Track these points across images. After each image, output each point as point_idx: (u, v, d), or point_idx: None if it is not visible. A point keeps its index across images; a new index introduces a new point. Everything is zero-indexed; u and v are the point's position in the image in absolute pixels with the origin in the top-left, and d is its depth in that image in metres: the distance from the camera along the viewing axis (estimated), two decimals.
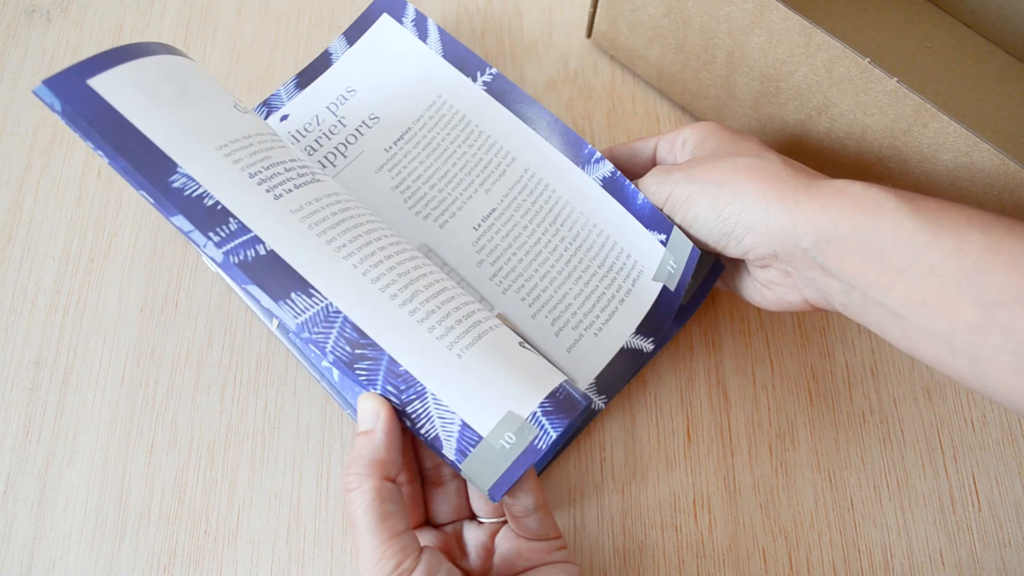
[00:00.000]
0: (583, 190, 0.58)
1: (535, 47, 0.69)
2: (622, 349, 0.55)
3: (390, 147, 0.60)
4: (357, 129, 0.61)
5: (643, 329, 0.56)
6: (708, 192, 0.49)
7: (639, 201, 0.54)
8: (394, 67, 0.62)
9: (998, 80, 0.67)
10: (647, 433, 0.57)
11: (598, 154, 0.57)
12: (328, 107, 0.61)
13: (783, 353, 0.59)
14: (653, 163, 0.58)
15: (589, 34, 0.68)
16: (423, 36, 0.63)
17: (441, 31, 0.62)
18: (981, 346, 0.40)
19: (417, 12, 0.63)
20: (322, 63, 0.63)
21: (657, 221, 0.53)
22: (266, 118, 0.62)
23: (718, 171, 0.49)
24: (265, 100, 0.63)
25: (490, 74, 0.61)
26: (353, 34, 0.64)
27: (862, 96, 0.51)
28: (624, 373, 0.56)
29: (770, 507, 0.55)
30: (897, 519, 0.55)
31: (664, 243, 0.54)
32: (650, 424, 0.57)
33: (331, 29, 0.69)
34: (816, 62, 0.52)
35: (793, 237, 0.46)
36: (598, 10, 0.64)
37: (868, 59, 0.49)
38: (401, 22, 0.63)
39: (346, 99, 0.62)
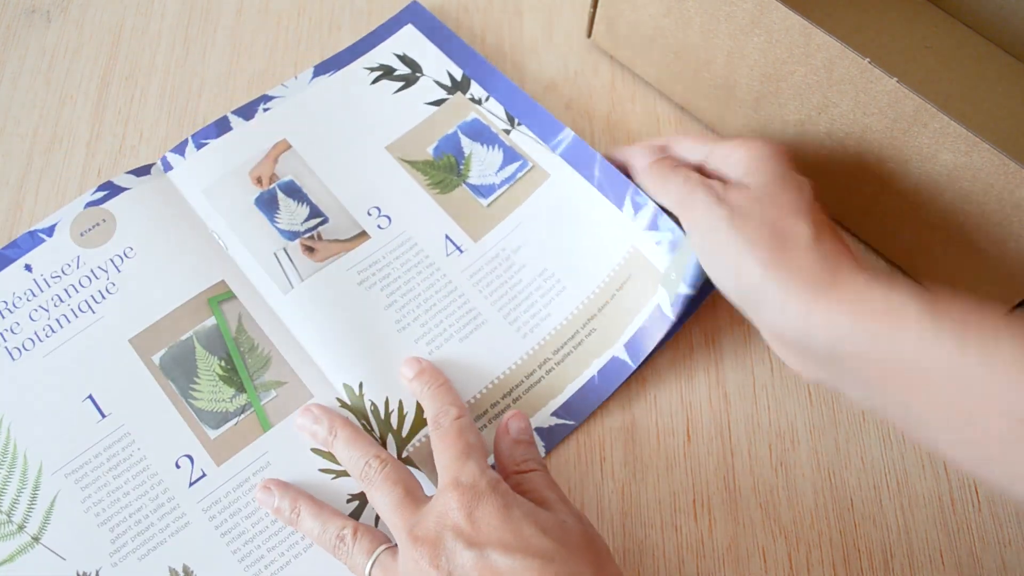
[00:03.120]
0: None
1: (535, 47, 0.69)
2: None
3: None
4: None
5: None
6: (735, 247, 0.48)
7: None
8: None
9: (998, 80, 0.67)
10: (647, 433, 0.57)
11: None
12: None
13: None
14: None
15: (589, 34, 0.68)
16: None
17: None
18: (1015, 457, 0.39)
19: None
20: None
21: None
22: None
23: (751, 231, 0.48)
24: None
25: None
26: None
27: (862, 96, 0.51)
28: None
29: (770, 507, 0.55)
30: (897, 519, 0.55)
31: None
32: (650, 424, 0.57)
33: (331, 29, 0.69)
34: (816, 62, 0.52)
35: (807, 336, 0.45)
36: (598, 10, 0.64)
37: (868, 59, 0.49)
38: None
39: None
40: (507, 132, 0.64)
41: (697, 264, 0.52)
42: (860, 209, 0.59)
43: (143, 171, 0.62)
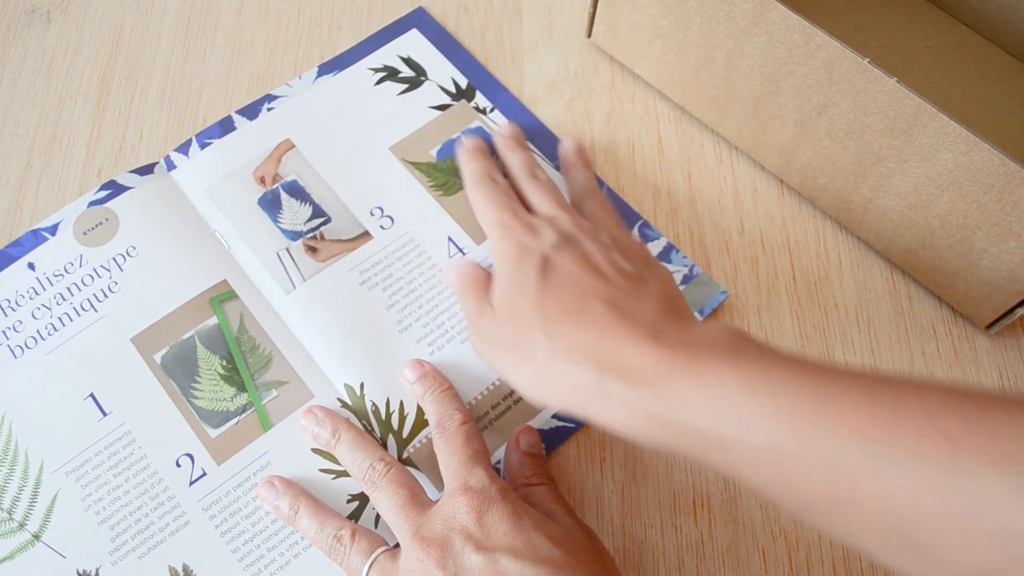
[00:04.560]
0: None
1: (535, 47, 0.69)
2: None
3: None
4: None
5: None
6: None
7: None
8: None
9: (998, 80, 0.67)
10: None
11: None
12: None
13: None
14: None
15: (589, 34, 0.68)
16: None
17: None
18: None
19: None
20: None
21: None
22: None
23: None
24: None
25: None
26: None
27: (862, 96, 0.51)
28: None
29: (770, 507, 0.55)
30: None
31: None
32: None
33: (331, 29, 0.69)
34: (816, 62, 0.52)
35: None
36: (598, 10, 0.64)
37: (868, 59, 0.49)
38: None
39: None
40: None
41: (716, 297, 0.59)
42: (860, 209, 0.59)
43: (146, 170, 0.62)
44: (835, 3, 0.69)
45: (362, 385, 0.55)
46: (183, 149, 0.63)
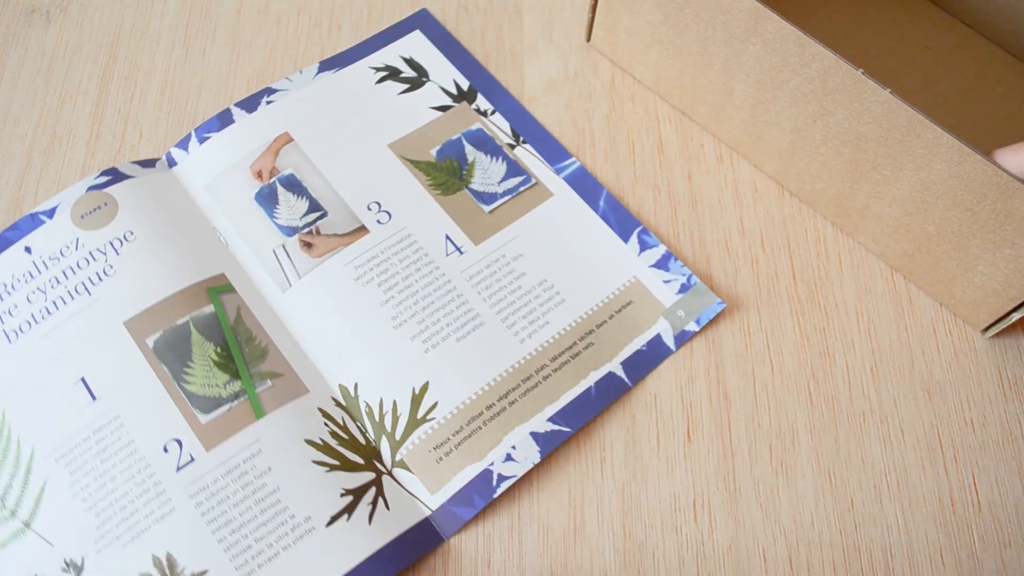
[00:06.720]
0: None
1: (535, 47, 0.69)
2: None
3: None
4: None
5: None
6: None
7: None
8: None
9: (998, 80, 0.66)
10: (647, 433, 0.57)
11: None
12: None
13: (783, 353, 0.59)
14: None
15: (588, 38, 0.68)
16: None
17: None
18: None
19: None
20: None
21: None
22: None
23: None
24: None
25: None
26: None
27: (856, 106, 0.51)
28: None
29: (770, 507, 0.55)
30: (897, 519, 0.55)
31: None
32: (650, 424, 0.57)
33: (331, 29, 0.69)
34: (810, 71, 0.52)
35: None
36: (596, 15, 0.64)
37: (861, 70, 0.49)
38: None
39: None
40: (511, 147, 0.64)
41: (713, 307, 0.58)
42: (856, 214, 0.59)
43: (148, 163, 0.62)
44: (835, 3, 0.69)
45: (356, 386, 0.56)
46: (183, 144, 0.63)
